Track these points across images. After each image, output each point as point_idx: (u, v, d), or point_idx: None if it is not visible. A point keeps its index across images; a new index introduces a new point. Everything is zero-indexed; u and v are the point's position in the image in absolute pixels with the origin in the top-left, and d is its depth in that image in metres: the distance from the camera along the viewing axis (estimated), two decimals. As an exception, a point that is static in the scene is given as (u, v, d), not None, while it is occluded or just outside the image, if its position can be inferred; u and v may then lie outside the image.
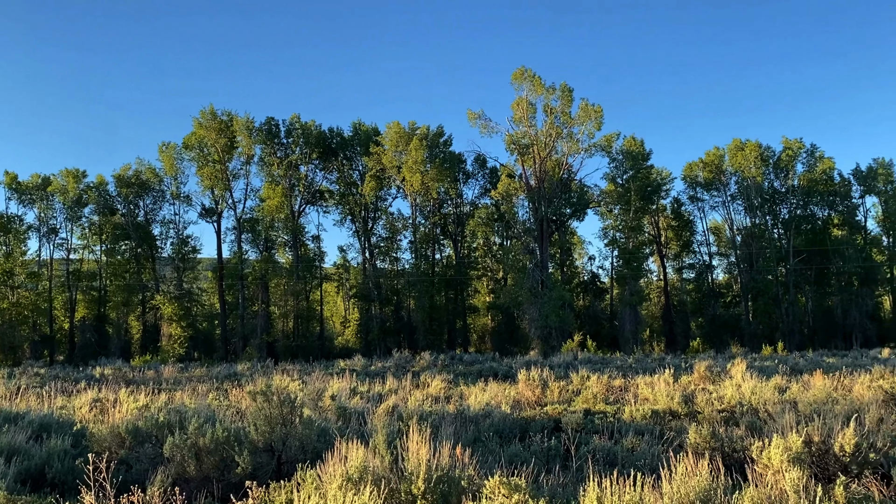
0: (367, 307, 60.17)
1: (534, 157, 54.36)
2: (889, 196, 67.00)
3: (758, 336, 59.22)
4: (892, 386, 13.89)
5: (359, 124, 63.75)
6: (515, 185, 55.33)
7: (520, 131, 54.29)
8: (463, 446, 6.83)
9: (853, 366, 23.31)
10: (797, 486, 4.92)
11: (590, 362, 30.45)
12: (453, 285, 64.33)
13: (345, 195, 62.82)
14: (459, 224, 65.71)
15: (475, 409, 12.00)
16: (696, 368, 19.53)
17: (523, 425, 10.87)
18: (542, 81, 53.25)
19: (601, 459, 8.07)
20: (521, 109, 53.78)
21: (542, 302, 50.97)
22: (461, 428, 10.01)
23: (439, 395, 16.15)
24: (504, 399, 13.97)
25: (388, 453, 6.88)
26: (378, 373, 25.95)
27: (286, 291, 58.38)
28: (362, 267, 62.98)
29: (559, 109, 53.57)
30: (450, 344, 59.62)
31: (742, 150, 65.50)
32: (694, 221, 70.63)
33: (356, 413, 11.58)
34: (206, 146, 58.72)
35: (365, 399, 14.76)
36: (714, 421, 10.84)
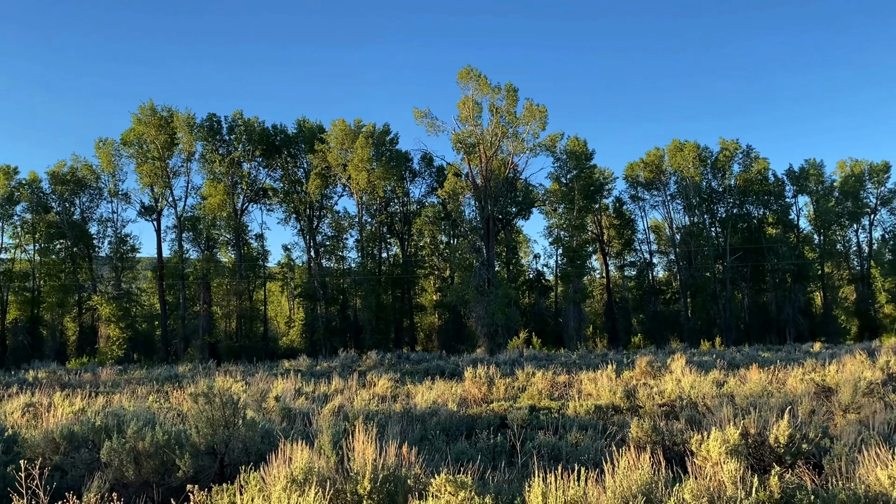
0: (313, 307, 59.55)
1: (480, 156, 54.68)
2: (820, 196, 69.69)
3: (696, 331, 60.84)
4: (822, 379, 14.46)
5: (303, 121, 63.07)
6: (462, 184, 55.55)
7: (466, 130, 54.56)
8: (409, 445, 6.82)
9: (787, 360, 24.15)
10: (734, 477, 5.07)
11: (535, 359, 30.77)
12: (400, 284, 64.21)
13: (289, 193, 62.03)
14: (406, 223, 65.62)
15: (422, 408, 12.00)
16: (638, 364, 19.95)
17: (470, 423, 10.91)
18: (487, 81, 53.63)
19: (546, 455, 8.17)
20: (467, 109, 54.03)
21: (489, 300, 51.35)
22: (408, 427, 10.00)
23: (386, 394, 16.09)
24: (451, 397, 14.01)
25: (333, 454, 6.83)
26: (324, 373, 25.71)
27: (229, 291, 57.31)
28: (307, 266, 62.30)
29: (504, 109, 54.01)
30: (397, 343, 59.49)
31: (681, 150, 67.21)
32: (635, 220, 72.30)
33: (301, 414, 11.45)
34: (146, 143, 57.17)
35: (310, 400, 14.60)
36: (655, 415, 11.09)
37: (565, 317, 63.01)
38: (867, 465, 5.81)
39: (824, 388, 13.47)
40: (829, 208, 69.15)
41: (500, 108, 54.06)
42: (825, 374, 15.45)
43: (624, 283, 73.60)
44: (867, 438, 7.07)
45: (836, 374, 14.70)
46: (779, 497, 5.21)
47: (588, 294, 67.54)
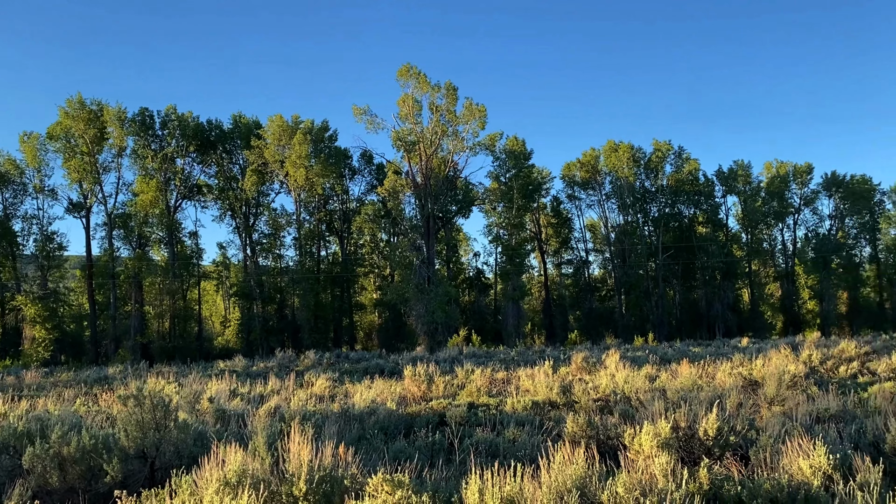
0: (249, 306, 58.49)
1: (420, 154, 54.66)
2: (748, 196, 72.24)
3: (630, 328, 62.29)
4: (749, 373, 14.97)
5: (239, 117, 61.82)
6: (402, 182, 55.42)
7: (406, 128, 54.46)
8: (347, 445, 6.76)
9: (716, 354, 24.91)
10: (665, 470, 5.20)
11: (475, 356, 30.95)
12: (339, 282, 63.67)
13: (224, 190, 60.70)
14: (346, 220, 65.10)
15: (360, 407, 11.92)
16: (574, 360, 20.29)
17: (409, 421, 10.89)
18: (427, 79, 53.62)
19: (484, 451, 8.22)
20: (407, 106, 53.93)
21: (429, 298, 51.40)
22: (345, 426, 9.92)
23: (324, 394, 15.92)
24: (390, 396, 13.96)
25: (268, 455, 6.71)
26: (260, 373, 25.27)
27: (162, 290, 55.76)
28: (243, 264, 61.14)
29: (444, 108, 54.12)
30: (336, 342, 59.00)
31: (616, 151, 68.70)
32: (572, 219, 73.57)
33: (236, 415, 11.22)
34: (74, 137, 55.02)
35: (245, 401, 14.32)
36: (590, 410, 11.29)
37: (504, 314, 63.61)
38: (791, 455, 6.04)
39: (751, 382, 13.95)
40: (755, 208, 71.75)
41: (440, 106, 54.14)
42: (752, 368, 16.01)
43: (561, 281, 74.78)
44: (791, 430, 7.34)
45: (763, 368, 15.25)
46: (708, 488, 5.37)
47: (527, 292, 68.34)
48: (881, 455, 6.87)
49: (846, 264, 73.21)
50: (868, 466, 5.45)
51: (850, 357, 20.10)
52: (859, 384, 14.56)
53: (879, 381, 14.71)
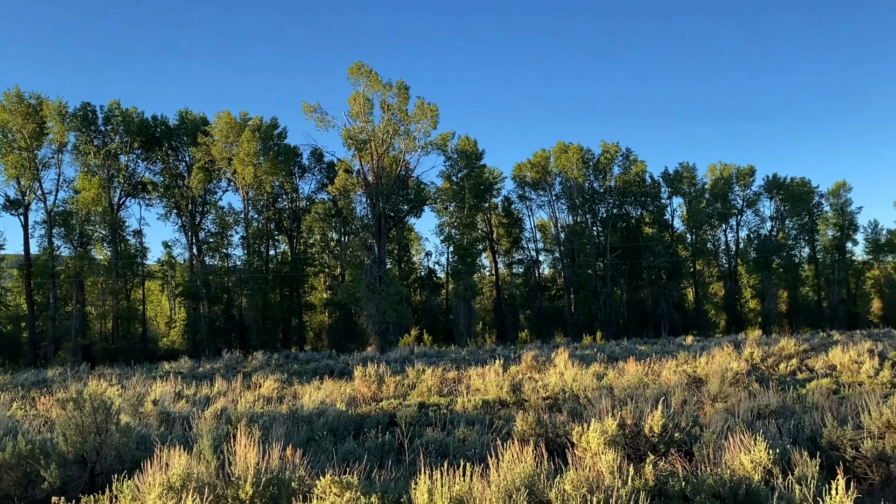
0: (195, 306, 57.31)
1: (371, 152, 54.37)
2: (692, 197, 74.00)
3: (579, 326, 63.16)
4: (694, 370, 15.33)
5: (185, 113, 60.52)
6: (353, 181, 55.05)
7: (357, 126, 54.11)
8: (295, 447, 6.67)
9: (662, 352, 25.43)
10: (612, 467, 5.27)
11: (426, 356, 30.94)
12: (288, 282, 62.92)
13: (170, 188, 59.36)
14: (295, 219, 64.35)
15: (309, 409, 11.78)
16: (524, 358, 20.45)
17: (358, 422, 10.81)
18: (378, 78, 53.38)
19: (434, 451, 8.21)
20: (358, 105, 53.59)
21: (380, 298, 51.18)
22: (294, 428, 9.79)
23: (272, 395, 15.70)
24: (339, 396, 13.84)
25: (214, 458, 6.58)
26: (206, 375, 24.80)
27: (104, 290, 54.23)
28: (190, 264, 59.85)
29: (396, 106, 53.96)
30: (285, 343, 58.29)
31: (565, 152, 69.59)
32: (523, 219, 74.22)
33: (181, 418, 10.97)
34: (11, 132, 53.05)
35: (191, 403, 14.03)
36: (539, 408, 11.39)
37: (456, 313, 63.78)
38: (733, 451, 6.19)
39: (695, 379, 14.28)
40: (700, 209, 73.54)
41: (392, 105, 53.98)
42: (696, 365, 16.39)
43: (512, 280, 75.37)
44: (733, 426, 7.52)
45: (706, 366, 15.62)
46: (653, 485, 5.46)
47: (478, 291, 68.67)
48: (818, 449, 7.10)
49: (786, 264, 75.63)
50: (806, 460, 5.62)
51: (789, 354, 20.74)
52: (798, 381, 15.02)
53: (817, 377, 15.21)
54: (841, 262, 78.02)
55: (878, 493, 6.40)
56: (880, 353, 18.92)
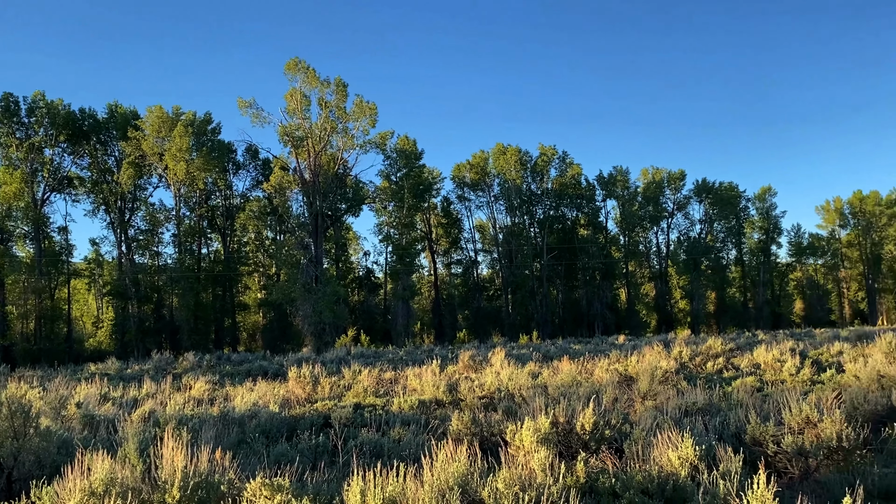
0: (124, 305, 55.51)
1: (308, 150, 53.66)
2: (626, 200, 75.81)
3: (516, 326, 63.87)
4: (625, 369, 15.67)
5: (115, 106, 58.55)
6: (289, 179, 54.24)
7: (293, 123, 53.33)
8: (225, 449, 6.51)
9: (595, 351, 25.92)
10: (544, 464, 5.33)
11: (363, 356, 30.74)
12: (221, 281, 61.59)
13: (98, 183, 57.29)
14: (229, 217, 63.05)
15: (241, 410, 11.54)
16: (461, 358, 20.53)
17: (292, 424, 10.64)
18: (316, 74, 52.74)
19: (368, 452, 8.15)
20: (295, 101, 52.84)
21: (316, 297, 50.57)
22: (224, 430, 9.57)
23: (203, 397, 15.31)
24: (273, 398, 13.59)
25: (139, 462, 6.37)
26: (135, 376, 24.04)
27: (26, 289, 51.99)
28: (118, 262, 57.91)
29: (334, 104, 53.42)
30: (217, 343, 57.04)
31: (504, 154, 70.31)
32: (462, 219, 74.69)
33: (106, 421, 10.59)
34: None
35: (118, 405, 13.55)
36: (475, 407, 11.44)
37: (394, 314, 63.64)
38: (661, 447, 6.34)
39: (626, 378, 14.60)
40: (633, 212, 75.40)
41: (330, 102, 53.42)
42: (627, 364, 16.75)
43: (451, 281, 75.70)
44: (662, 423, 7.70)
45: (637, 365, 15.98)
46: (584, 481, 5.54)
47: (417, 291, 68.70)
48: (742, 445, 7.34)
49: (714, 266, 78.24)
50: (730, 456, 5.80)
51: (716, 353, 21.41)
52: (724, 379, 15.53)
53: (742, 375, 15.75)
54: (766, 264, 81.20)
55: (797, 487, 6.66)
56: (801, 353, 19.73)
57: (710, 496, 5.20)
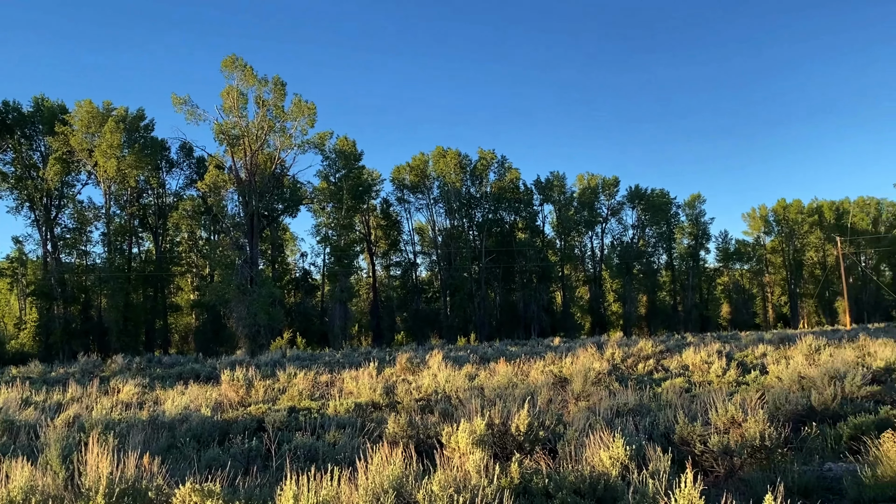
0: (49, 306, 53.32)
1: (245, 149, 52.66)
2: (562, 205, 77.11)
3: (454, 328, 64.14)
4: (560, 370, 15.91)
5: (42, 99, 56.22)
6: (224, 178, 53.11)
7: (230, 121, 52.28)
8: (153, 455, 6.34)
9: (531, 353, 26.23)
10: (479, 466, 5.37)
11: (299, 359, 30.35)
12: (153, 282, 59.86)
13: (22, 179, 54.87)
14: (161, 216, 61.35)
15: (172, 414, 11.24)
16: (399, 360, 20.50)
17: (225, 428, 10.42)
18: (254, 72, 51.85)
19: (303, 456, 8.05)
20: (232, 99, 51.81)
21: (251, 299, 49.65)
22: (154, 435, 9.31)
23: (132, 401, 14.84)
24: (205, 401, 13.28)
25: (62, 469, 6.14)
26: (59, 380, 23.12)
27: (-59, 289, 49.45)
28: (43, 261, 55.60)
29: (272, 103, 52.61)
30: (148, 346, 55.43)
31: (444, 156, 70.59)
32: (401, 221, 74.61)
33: (27, 426, 10.15)
34: None
35: (40, 410, 13.01)
36: (412, 410, 11.43)
37: (331, 316, 63.06)
38: (593, 447, 6.46)
39: (561, 379, 14.83)
40: (569, 216, 76.75)
41: (268, 101, 52.58)
42: (562, 366, 17.03)
43: (389, 283, 75.48)
44: (594, 423, 7.85)
45: (571, 366, 16.26)
46: (518, 482, 5.61)
47: (355, 293, 68.28)
48: (671, 445, 7.54)
49: (646, 270, 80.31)
50: (659, 456, 5.95)
51: (647, 355, 21.95)
52: (655, 380, 15.93)
53: (671, 377, 16.19)
54: (694, 268, 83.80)
55: (722, 485, 6.89)
56: (727, 354, 20.42)
57: (639, 495, 5.33)
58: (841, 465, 7.66)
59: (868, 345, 21.81)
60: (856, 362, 14.79)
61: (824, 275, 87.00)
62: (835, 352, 18.54)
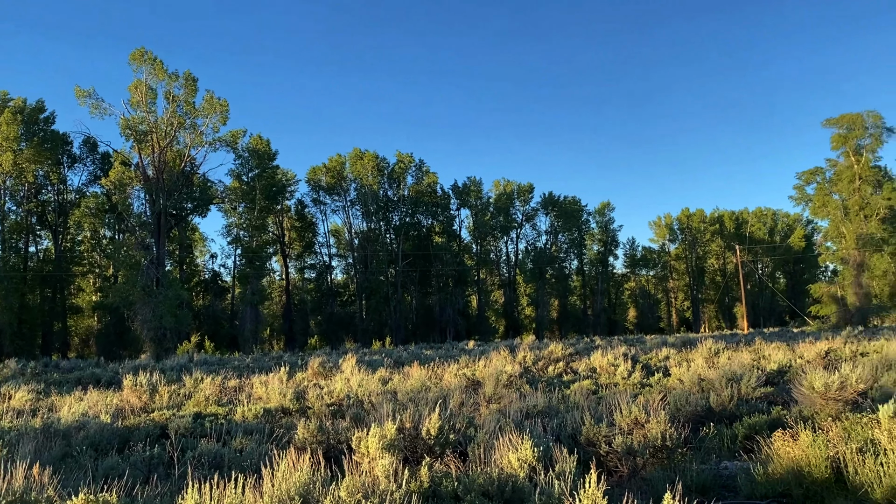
0: (-67, 307, 49.86)
1: (153, 145, 50.76)
2: (478, 210, 78.01)
3: (370, 332, 63.75)
4: (473, 373, 16.06)
5: (-72, 86, 52.59)
6: (131, 174, 51.03)
7: (137, 116, 50.27)
8: (46, 464, 6.00)
9: (446, 357, 26.34)
10: (388, 470, 5.34)
11: (207, 364, 29.43)
12: (51, 282, 56.84)
13: None
14: (62, 213, 58.36)
15: (68, 422, 10.68)
16: (311, 365, 20.20)
17: (125, 435, 9.99)
18: (164, 66, 50.07)
19: (207, 464, 7.81)
20: (140, 93, 49.86)
21: (157, 301, 47.84)
22: (46, 444, 8.82)
23: (24, 408, 14.02)
24: (105, 408, 12.70)
25: (-60, 483, 5.71)
26: (-57, 386, 21.56)
27: None
28: (-73, 259, 51.97)
29: (183, 98, 50.94)
30: (45, 349, 52.61)
31: (361, 158, 70.16)
32: (316, 223, 73.61)
33: None
34: None
35: (-81, 419, 12.11)
36: (323, 415, 11.27)
37: (242, 319, 61.52)
38: (502, 449, 6.54)
39: (474, 382, 14.96)
40: (485, 221, 77.71)
41: (178, 96, 50.87)
42: (475, 369, 17.19)
43: (303, 285, 74.32)
44: (504, 426, 7.95)
45: (484, 369, 16.43)
46: (428, 486, 5.61)
47: (267, 296, 66.87)
48: (577, 446, 7.73)
49: (558, 275, 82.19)
50: (565, 457, 6.08)
51: (557, 358, 22.43)
52: (564, 382, 16.28)
53: (580, 379, 16.60)
54: (604, 274, 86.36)
55: (625, 485, 7.10)
56: (633, 357, 21.11)
57: (545, 496, 5.42)
58: (736, 463, 8.02)
59: (763, 348, 23.03)
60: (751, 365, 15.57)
61: (724, 281, 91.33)
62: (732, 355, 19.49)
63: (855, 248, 62.74)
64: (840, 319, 60.71)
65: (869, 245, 62.38)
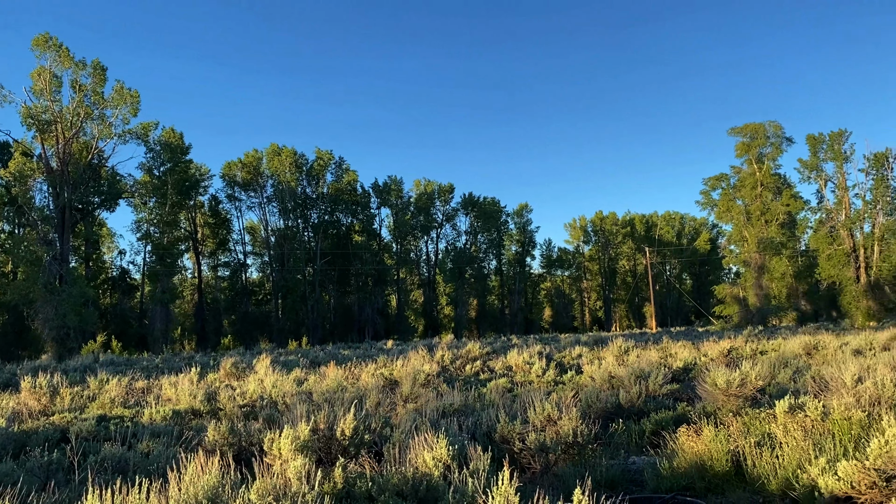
0: None
1: (57, 136, 48.30)
2: (399, 209, 77.90)
3: (286, 332, 62.67)
4: (391, 373, 16.03)
5: None
6: (32, 166, 48.38)
7: (40, 105, 47.70)
8: (-71, 474, 5.62)
9: (364, 356, 26.20)
10: (300, 472, 5.26)
11: (113, 364, 28.26)
12: (-59, 279, 53.28)
13: None
14: (-47, 205, 54.76)
15: (-44, 427, 10.04)
16: (223, 365, 19.71)
17: (22, 439, 9.48)
18: (70, 54, 47.71)
19: (111, 468, 7.50)
20: (44, 81, 47.34)
21: (60, 299, 45.55)
22: (-68, 451, 8.26)
23: None
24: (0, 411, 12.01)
25: None
26: None
27: None
28: None
29: (90, 88, 48.69)
30: (-67, 350, 49.15)
31: (279, 154, 68.89)
32: (231, 220, 71.80)
33: None
34: None
35: None
36: (235, 416, 11.02)
37: (151, 318, 59.32)
38: (418, 449, 6.55)
39: (391, 382, 14.94)
40: (405, 220, 77.70)
41: (85, 85, 48.59)
42: (393, 368, 17.17)
43: (217, 284, 72.33)
44: (420, 425, 7.96)
45: (402, 369, 16.43)
46: (341, 487, 5.56)
47: (178, 294, 64.73)
48: (492, 443, 7.83)
49: (477, 275, 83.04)
50: (480, 455, 6.15)
51: (475, 357, 22.66)
52: (480, 381, 16.47)
53: (496, 377, 16.82)
54: (521, 274, 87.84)
55: (538, 481, 7.24)
56: (548, 356, 21.57)
57: (459, 494, 5.46)
58: (643, 458, 8.31)
59: (670, 347, 23.95)
60: (659, 363, 16.16)
61: (635, 282, 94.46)
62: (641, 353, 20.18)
63: (756, 251, 66.11)
64: (742, 319, 63.81)
65: (769, 248, 65.82)
